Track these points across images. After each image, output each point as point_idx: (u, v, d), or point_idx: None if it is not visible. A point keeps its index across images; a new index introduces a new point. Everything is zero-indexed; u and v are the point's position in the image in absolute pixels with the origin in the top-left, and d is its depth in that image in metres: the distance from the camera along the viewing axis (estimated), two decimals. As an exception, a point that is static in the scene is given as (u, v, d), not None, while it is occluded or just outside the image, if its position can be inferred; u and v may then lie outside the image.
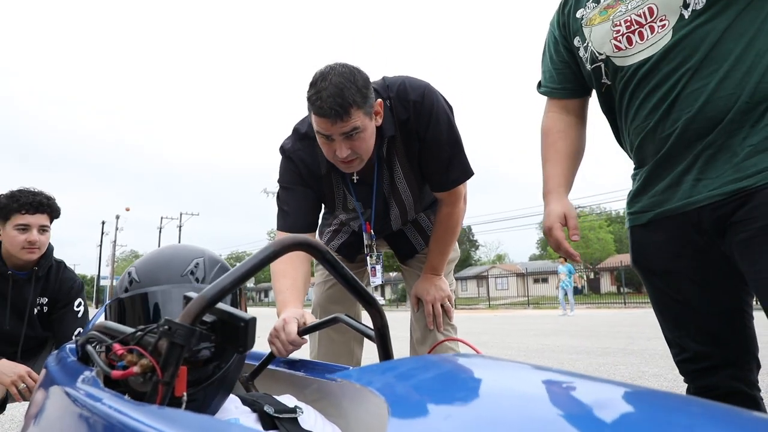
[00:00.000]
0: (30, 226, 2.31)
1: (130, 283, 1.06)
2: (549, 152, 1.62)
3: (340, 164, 1.63)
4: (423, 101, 1.69)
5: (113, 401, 0.74)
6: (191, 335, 0.82)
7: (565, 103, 1.63)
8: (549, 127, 1.64)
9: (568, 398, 0.54)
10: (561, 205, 1.55)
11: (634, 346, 6.93)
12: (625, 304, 23.52)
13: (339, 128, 1.52)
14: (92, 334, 1.04)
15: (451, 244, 1.90)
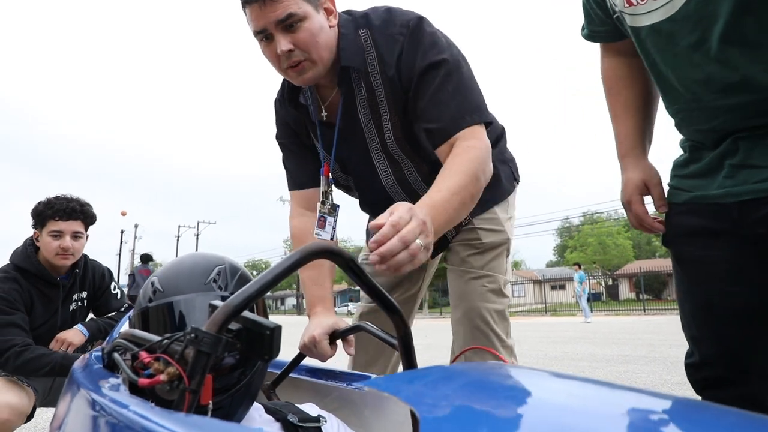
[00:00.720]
0: (63, 232, 2.36)
1: (154, 293, 1.07)
2: (616, 107, 1.37)
3: (290, 72, 1.39)
4: (417, 25, 1.41)
5: (141, 408, 0.75)
6: (218, 343, 0.83)
7: (618, 46, 1.36)
8: (609, 75, 1.39)
9: (598, 407, 0.53)
10: (639, 170, 1.31)
11: (655, 354, 6.83)
12: (644, 310, 23.21)
13: (270, 14, 1.29)
14: (119, 341, 1.05)
15: (466, 185, 1.26)
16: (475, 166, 1.28)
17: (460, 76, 1.39)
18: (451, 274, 1.67)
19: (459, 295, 1.62)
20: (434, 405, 0.55)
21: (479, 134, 1.36)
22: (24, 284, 2.36)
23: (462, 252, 1.64)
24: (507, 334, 1.60)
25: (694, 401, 0.56)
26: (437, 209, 1.15)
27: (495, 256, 1.63)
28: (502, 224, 1.65)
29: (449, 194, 1.20)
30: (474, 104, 1.39)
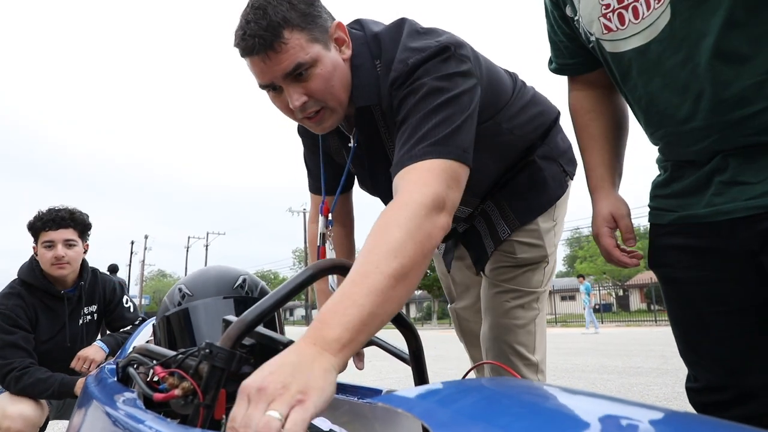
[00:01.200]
0: (54, 241, 2.38)
1: (183, 297, 1.09)
2: (583, 138, 1.34)
3: (307, 122, 1.24)
4: (418, 66, 1.15)
5: (157, 423, 0.76)
6: (232, 358, 0.84)
7: (587, 77, 1.33)
8: (576, 107, 1.36)
9: (610, 424, 0.54)
10: (607, 203, 1.29)
11: (668, 366, 6.75)
12: (656, 321, 22.96)
13: (276, 66, 1.13)
14: (133, 356, 1.07)
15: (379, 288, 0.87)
16: (402, 244, 0.90)
17: (441, 104, 1.10)
18: (483, 282, 1.57)
19: (486, 307, 1.53)
20: (446, 421, 0.55)
21: (426, 176, 1.02)
22: (28, 299, 2.39)
23: (494, 261, 1.52)
24: (533, 349, 1.49)
25: (707, 418, 0.56)
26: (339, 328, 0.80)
27: (527, 271, 1.49)
28: (541, 237, 1.49)
29: (361, 311, 0.82)
30: (439, 136, 1.07)
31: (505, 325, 1.47)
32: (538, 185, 1.46)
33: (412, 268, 0.90)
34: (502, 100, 1.37)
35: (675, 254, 1.18)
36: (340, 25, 1.23)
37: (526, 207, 1.47)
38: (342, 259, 1.08)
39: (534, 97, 1.48)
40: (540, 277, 1.52)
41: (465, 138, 1.10)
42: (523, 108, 1.42)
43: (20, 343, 2.29)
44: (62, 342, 2.45)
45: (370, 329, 0.83)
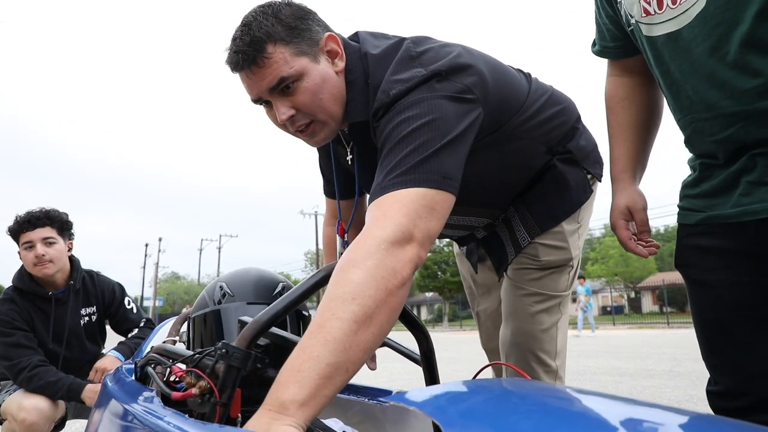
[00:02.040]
0: (33, 241, 2.41)
1: (223, 296, 1.12)
2: (613, 127, 1.36)
3: (299, 136, 1.24)
4: (402, 95, 1.10)
5: (177, 420, 0.78)
6: (247, 358, 0.86)
7: (626, 63, 1.34)
8: (611, 94, 1.37)
9: (622, 424, 0.55)
10: (625, 195, 1.31)
11: (680, 368, 6.70)
12: (668, 324, 22.74)
13: (261, 81, 1.13)
14: (151, 356, 1.09)
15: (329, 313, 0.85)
16: (362, 284, 0.85)
17: (415, 129, 1.04)
18: (505, 283, 1.52)
19: (509, 311, 1.49)
20: (458, 420, 0.57)
21: (396, 207, 0.96)
22: (21, 303, 2.42)
23: (517, 263, 1.48)
24: (554, 355, 1.46)
25: (721, 419, 0.57)
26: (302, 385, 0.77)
27: (551, 273, 1.45)
28: (566, 240, 1.45)
29: (319, 363, 0.78)
30: (410, 164, 1.00)
31: (528, 330, 1.44)
32: (560, 191, 1.43)
33: (377, 308, 0.84)
34: (515, 107, 1.33)
35: (701, 255, 1.18)
36: (332, 36, 1.20)
37: (547, 213, 1.43)
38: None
39: (552, 96, 1.44)
40: (564, 280, 1.48)
41: (445, 163, 1.03)
42: (540, 109, 1.38)
43: (22, 341, 2.33)
44: (60, 343, 2.47)
45: (334, 381, 0.78)
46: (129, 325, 2.69)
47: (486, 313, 1.74)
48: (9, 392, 2.38)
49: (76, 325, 2.54)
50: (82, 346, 2.55)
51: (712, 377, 1.21)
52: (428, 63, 1.15)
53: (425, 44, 1.22)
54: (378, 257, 0.88)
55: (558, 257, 1.45)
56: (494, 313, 1.71)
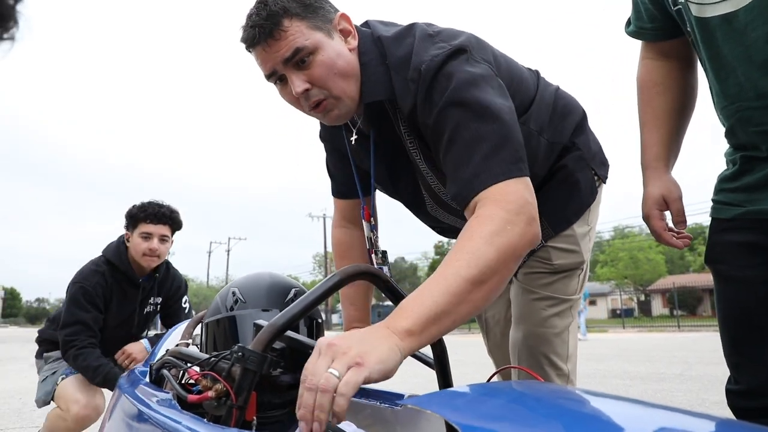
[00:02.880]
0: (152, 235, 2.55)
1: (236, 302, 1.12)
2: (645, 113, 1.31)
3: (313, 113, 1.24)
4: (434, 72, 1.13)
5: (194, 423, 0.78)
6: (263, 362, 0.87)
7: (662, 46, 1.28)
8: (644, 79, 1.31)
9: (639, 427, 0.55)
10: (660, 184, 1.27)
11: (691, 372, 6.65)
12: (679, 327, 22.56)
13: (275, 54, 1.15)
14: (167, 358, 1.10)
15: (460, 292, 0.90)
16: (485, 253, 0.92)
17: (482, 121, 1.09)
18: (514, 287, 1.51)
19: (520, 314, 1.48)
20: (477, 423, 0.57)
21: (507, 194, 1.03)
22: (109, 280, 2.55)
23: (528, 266, 1.47)
24: (565, 358, 1.46)
25: (736, 421, 0.57)
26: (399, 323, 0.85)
27: (563, 277, 1.45)
28: (577, 243, 1.44)
29: (434, 306, 0.87)
30: (500, 156, 1.06)
31: (541, 334, 1.43)
32: (571, 192, 1.41)
33: (492, 276, 0.93)
34: (526, 100, 1.34)
35: (734, 251, 1.15)
36: (344, 16, 1.23)
37: (559, 215, 1.42)
38: (368, 265, 1.10)
39: (558, 93, 1.44)
40: (575, 283, 1.48)
41: (520, 148, 1.10)
42: (548, 106, 1.38)
43: (89, 323, 2.45)
44: (129, 327, 2.61)
45: (441, 325, 0.87)
46: (176, 321, 2.75)
47: (494, 320, 1.73)
48: (63, 375, 2.52)
49: (141, 312, 2.66)
50: (140, 330, 2.69)
51: (733, 376, 1.19)
52: (449, 39, 1.19)
53: (436, 27, 1.26)
54: (501, 230, 0.96)
55: (570, 261, 1.44)
56: (502, 319, 1.70)
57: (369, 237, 1.48)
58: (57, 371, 2.59)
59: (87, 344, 2.42)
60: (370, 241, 1.47)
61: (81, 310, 2.45)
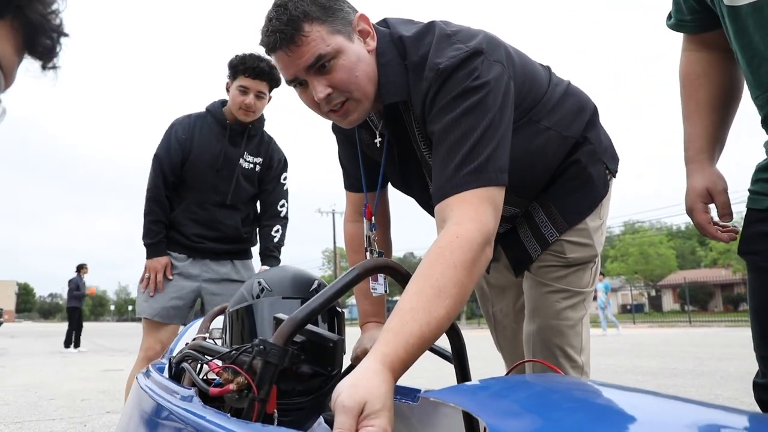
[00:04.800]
0: (249, 89, 2.51)
1: (262, 290, 1.13)
2: (689, 105, 1.30)
3: (332, 116, 1.26)
4: (449, 71, 1.14)
5: (219, 419, 0.79)
6: (284, 355, 0.87)
7: (703, 37, 1.28)
8: (687, 70, 1.31)
9: (665, 418, 0.55)
10: (703, 177, 1.25)
11: (703, 368, 6.61)
12: (690, 322, 22.43)
13: (298, 61, 1.15)
14: (188, 352, 1.11)
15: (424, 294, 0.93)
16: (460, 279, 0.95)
17: (474, 124, 1.09)
18: (527, 280, 1.51)
19: (533, 307, 1.48)
20: (502, 416, 0.57)
21: (477, 209, 1.04)
22: (194, 118, 2.66)
23: (541, 260, 1.47)
24: (579, 350, 1.47)
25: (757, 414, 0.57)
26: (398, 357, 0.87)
27: (577, 270, 1.45)
28: (591, 236, 1.45)
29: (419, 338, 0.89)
30: (479, 161, 1.07)
31: (556, 327, 1.44)
32: (585, 186, 1.43)
33: (462, 299, 0.96)
34: (538, 95, 1.35)
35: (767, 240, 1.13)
36: (363, 17, 1.23)
37: (573, 208, 1.43)
38: (387, 259, 1.11)
39: (569, 88, 1.45)
40: (588, 276, 1.49)
41: (503, 156, 1.11)
42: (560, 100, 1.39)
43: (162, 159, 2.60)
44: (220, 170, 2.62)
45: (422, 351, 0.90)
46: (273, 200, 2.77)
47: (502, 313, 1.73)
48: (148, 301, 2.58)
49: (234, 160, 2.65)
50: (238, 183, 2.66)
51: (762, 369, 1.18)
52: (466, 40, 1.19)
53: (453, 26, 1.26)
54: (472, 256, 0.98)
55: (584, 254, 1.45)
56: (511, 312, 1.71)
57: (368, 236, 1.50)
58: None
59: (155, 218, 2.57)
60: (368, 240, 1.49)
61: (159, 147, 2.62)
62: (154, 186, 2.59)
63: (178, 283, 2.59)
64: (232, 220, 2.65)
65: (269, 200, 2.77)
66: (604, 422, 0.53)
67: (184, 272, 2.61)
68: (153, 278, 2.55)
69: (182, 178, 2.63)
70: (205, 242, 2.62)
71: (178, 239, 2.63)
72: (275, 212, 2.78)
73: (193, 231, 2.61)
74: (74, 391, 5.34)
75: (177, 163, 2.60)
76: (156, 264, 2.56)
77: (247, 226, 2.75)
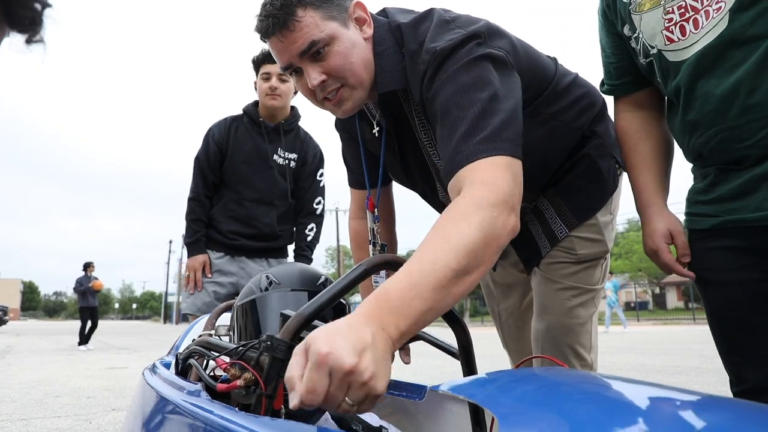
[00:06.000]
0: (270, 74, 2.60)
1: (270, 283, 1.14)
2: (633, 158, 1.37)
3: (327, 105, 1.24)
4: (446, 54, 1.11)
5: (228, 413, 0.80)
6: (291, 350, 0.87)
7: (635, 98, 1.38)
8: (625, 128, 1.39)
9: (676, 411, 0.55)
10: (663, 220, 1.31)
11: (708, 365, 6.59)
12: (694, 320, 22.38)
13: (291, 47, 1.15)
14: (195, 348, 1.11)
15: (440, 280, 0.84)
16: (473, 241, 0.86)
17: (476, 98, 1.05)
18: (536, 277, 1.49)
19: (543, 305, 1.46)
20: (512, 407, 0.57)
21: (495, 177, 0.96)
22: (229, 121, 2.74)
23: (551, 256, 1.45)
24: (589, 348, 1.46)
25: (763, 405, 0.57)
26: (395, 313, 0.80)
27: (587, 267, 1.43)
28: (601, 232, 1.43)
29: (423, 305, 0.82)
30: (489, 130, 1.01)
31: (565, 324, 1.42)
32: (595, 180, 1.41)
33: (477, 268, 0.87)
34: (544, 84, 1.34)
35: (718, 256, 1.20)
36: (359, 4, 1.23)
37: (583, 204, 1.42)
38: (393, 255, 1.11)
39: (576, 79, 1.43)
40: (598, 273, 1.47)
41: (514, 128, 1.05)
42: (567, 90, 1.37)
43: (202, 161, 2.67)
44: (260, 166, 2.69)
45: (426, 321, 0.84)
46: (306, 202, 2.80)
47: (508, 312, 1.73)
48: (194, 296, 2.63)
49: (272, 159, 2.71)
50: (272, 177, 2.71)
51: (736, 377, 1.22)
52: (465, 26, 1.17)
53: (453, 13, 1.25)
54: (489, 218, 0.89)
55: (595, 250, 1.43)
56: (516, 311, 1.70)
57: (372, 228, 1.49)
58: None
59: (194, 217, 2.64)
60: (372, 232, 1.49)
61: (199, 151, 2.71)
62: (194, 187, 2.69)
63: (216, 280, 2.65)
64: (267, 217, 2.71)
65: (305, 197, 2.81)
66: (616, 413, 0.53)
67: (222, 269, 2.66)
68: (192, 277, 2.62)
69: (221, 178, 2.70)
70: (240, 239, 2.67)
71: (215, 237, 2.68)
72: (311, 210, 2.82)
73: (229, 228, 2.67)
74: (80, 389, 5.37)
75: (216, 164, 2.68)
76: (194, 263, 2.63)
77: (283, 224, 2.78)
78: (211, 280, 2.64)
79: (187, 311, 2.65)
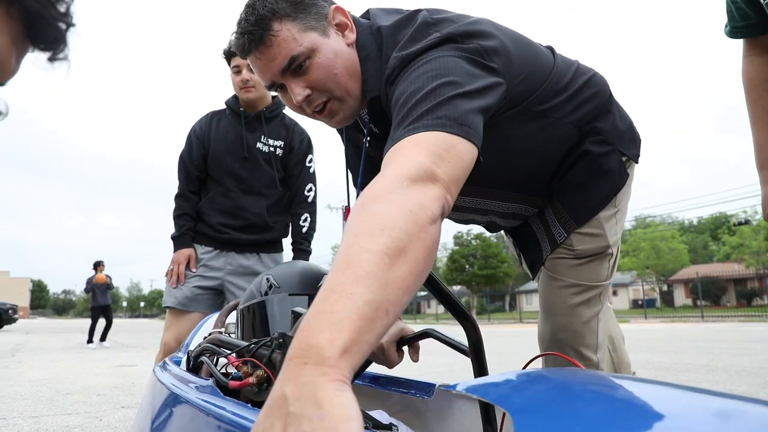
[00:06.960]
0: (241, 66, 2.55)
1: (270, 287, 1.14)
2: (755, 111, 1.30)
3: (318, 117, 1.20)
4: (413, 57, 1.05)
5: (239, 409, 0.80)
6: (303, 348, 0.88)
7: (761, 41, 1.30)
8: (750, 76, 1.31)
9: (690, 410, 0.55)
10: None
11: (717, 363, 6.56)
12: (702, 317, 22.26)
13: (272, 62, 1.10)
14: (206, 345, 1.12)
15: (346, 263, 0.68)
16: (375, 215, 0.73)
17: (429, 83, 0.96)
18: (542, 275, 1.45)
19: (546, 305, 1.42)
20: (525, 407, 0.57)
21: (403, 153, 0.86)
22: (209, 115, 2.73)
23: (555, 253, 1.41)
24: (595, 348, 1.40)
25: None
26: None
27: (588, 262, 1.37)
28: (601, 226, 1.36)
29: (354, 304, 0.62)
30: (422, 111, 0.92)
31: (569, 324, 1.37)
32: (595, 180, 1.34)
33: (409, 241, 0.71)
34: (540, 80, 1.24)
35: None
36: (339, 8, 1.17)
37: (582, 206, 1.35)
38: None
39: (578, 69, 1.34)
40: (604, 269, 1.40)
41: (460, 109, 0.93)
42: (567, 84, 1.29)
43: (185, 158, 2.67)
44: (241, 156, 2.64)
45: (375, 324, 0.62)
46: (300, 192, 2.75)
47: None
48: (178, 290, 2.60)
49: (256, 147, 2.67)
50: (257, 166, 2.67)
51: None
52: (447, 26, 1.11)
53: (443, 13, 1.17)
54: (402, 191, 0.77)
55: (594, 245, 1.37)
56: None
57: None
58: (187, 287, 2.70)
59: (181, 212, 2.64)
60: None
61: (183, 149, 2.70)
62: (179, 184, 2.68)
63: (200, 274, 2.62)
64: (256, 206, 2.64)
65: (296, 185, 2.76)
66: (631, 413, 0.53)
67: (208, 264, 2.63)
68: (176, 270, 2.59)
69: (207, 172, 2.68)
70: (230, 232, 2.62)
71: (204, 231, 2.65)
72: (302, 198, 2.76)
73: (218, 220, 2.63)
74: (89, 386, 5.41)
75: (199, 158, 2.66)
76: (179, 256, 2.61)
77: (275, 215, 2.71)
78: (195, 274, 2.61)
79: (167, 304, 2.62)
